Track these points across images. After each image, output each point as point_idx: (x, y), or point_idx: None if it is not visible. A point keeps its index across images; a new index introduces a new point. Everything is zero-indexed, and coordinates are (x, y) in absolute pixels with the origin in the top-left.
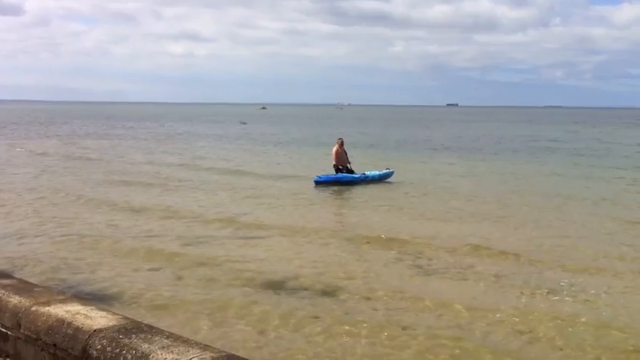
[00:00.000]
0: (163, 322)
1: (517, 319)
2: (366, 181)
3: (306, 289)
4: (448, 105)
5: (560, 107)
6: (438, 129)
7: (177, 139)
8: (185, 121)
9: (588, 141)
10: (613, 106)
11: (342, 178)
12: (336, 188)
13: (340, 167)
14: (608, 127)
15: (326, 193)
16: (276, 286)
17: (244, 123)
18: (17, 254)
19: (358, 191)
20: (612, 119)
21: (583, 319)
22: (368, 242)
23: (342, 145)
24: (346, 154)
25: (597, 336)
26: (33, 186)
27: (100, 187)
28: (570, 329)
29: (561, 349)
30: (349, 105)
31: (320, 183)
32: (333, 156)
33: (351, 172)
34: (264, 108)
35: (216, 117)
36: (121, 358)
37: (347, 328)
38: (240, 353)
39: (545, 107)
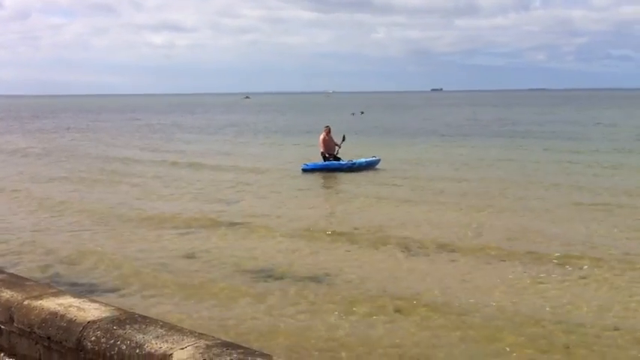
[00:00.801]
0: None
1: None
2: (353, 168)
3: (293, 276)
4: (433, 90)
5: (543, 90)
6: (422, 115)
7: (158, 131)
8: (166, 112)
9: (568, 124)
10: (596, 87)
11: (330, 165)
12: (323, 176)
13: (327, 155)
14: (591, 109)
15: (313, 180)
16: (264, 274)
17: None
18: None
19: (345, 178)
20: (595, 100)
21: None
22: (356, 229)
23: (329, 132)
24: (334, 142)
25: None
26: None
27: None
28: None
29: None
30: (334, 92)
31: (307, 170)
32: (320, 144)
33: (338, 159)
34: (247, 97)
35: (195, 107)
36: (116, 348)
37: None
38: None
39: (529, 90)
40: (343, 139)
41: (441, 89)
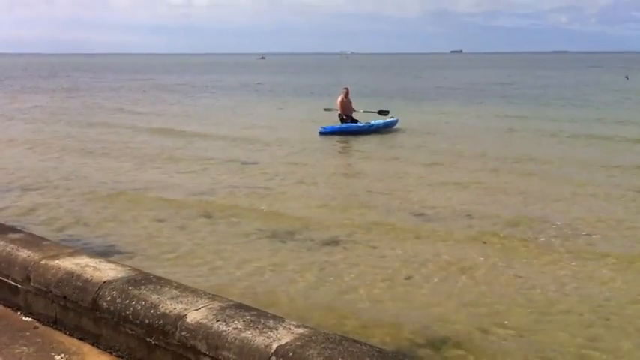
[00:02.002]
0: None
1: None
2: (370, 130)
3: (310, 238)
4: (452, 52)
5: (566, 52)
6: (441, 76)
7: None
8: (182, 72)
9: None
10: (619, 50)
11: (347, 128)
12: (340, 138)
13: (345, 117)
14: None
15: (330, 143)
16: (279, 234)
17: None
18: None
19: (363, 140)
20: (616, 63)
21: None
22: (369, 191)
23: (347, 94)
24: (351, 104)
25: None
26: None
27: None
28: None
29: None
30: (352, 54)
31: (325, 134)
32: (338, 105)
33: (356, 122)
34: (262, 58)
35: (212, 67)
36: (131, 308)
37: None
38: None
39: (551, 52)
40: (383, 112)
41: (461, 51)
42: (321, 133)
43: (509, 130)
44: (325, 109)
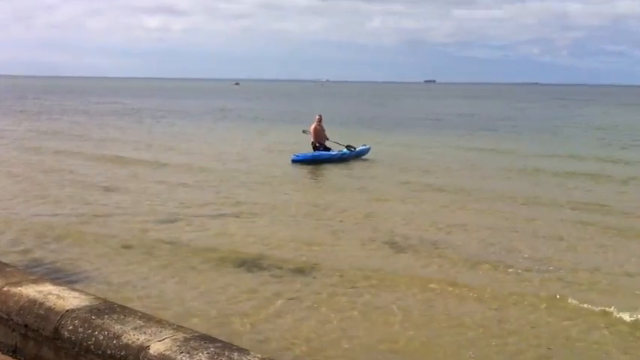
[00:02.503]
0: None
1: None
2: (343, 158)
3: (278, 267)
4: (426, 81)
5: (537, 84)
6: (413, 106)
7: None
8: (158, 96)
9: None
10: (588, 83)
11: (319, 156)
12: (312, 167)
13: (318, 145)
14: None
15: (302, 171)
16: (247, 263)
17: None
18: None
19: (335, 169)
20: (583, 96)
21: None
22: (341, 221)
23: (320, 121)
24: (325, 131)
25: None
26: None
27: None
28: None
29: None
30: (327, 81)
31: (297, 161)
32: (312, 133)
33: (328, 149)
34: (237, 84)
35: (185, 92)
36: (93, 339)
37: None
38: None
39: (523, 84)
40: (350, 148)
41: (434, 81)
42: (294, 161)
43: (474, 163)
44: (303, 131)
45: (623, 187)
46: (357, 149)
